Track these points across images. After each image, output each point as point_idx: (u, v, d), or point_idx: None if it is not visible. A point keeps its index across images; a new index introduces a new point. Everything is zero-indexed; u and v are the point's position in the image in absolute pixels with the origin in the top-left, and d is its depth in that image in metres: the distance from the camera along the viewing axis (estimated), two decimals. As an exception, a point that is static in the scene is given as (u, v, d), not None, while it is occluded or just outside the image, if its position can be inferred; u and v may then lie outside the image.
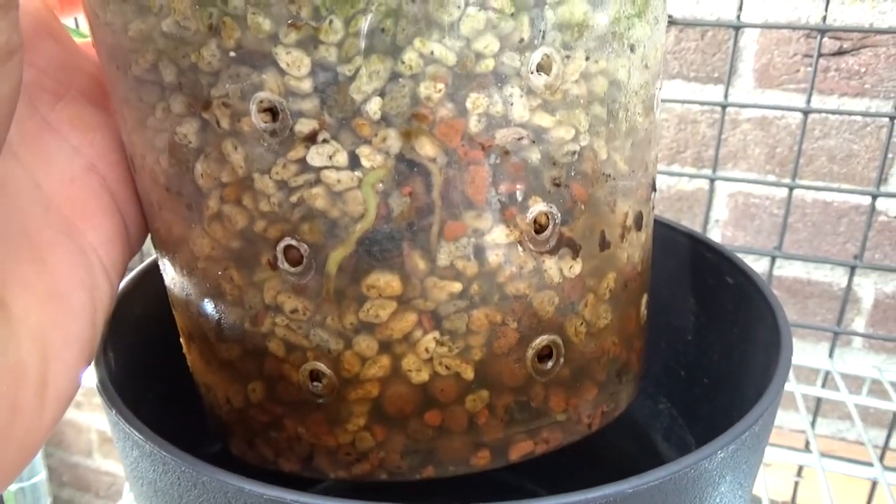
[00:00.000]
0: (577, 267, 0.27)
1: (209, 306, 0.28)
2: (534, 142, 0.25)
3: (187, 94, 0.25)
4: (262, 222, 0.25)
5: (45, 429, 0.24)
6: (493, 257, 0.26)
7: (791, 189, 0.69)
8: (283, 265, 0.26)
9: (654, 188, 0.31)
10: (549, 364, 0.28)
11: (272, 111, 0.24)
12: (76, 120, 0.28)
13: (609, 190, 0.27)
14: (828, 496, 0.53)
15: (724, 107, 0.69)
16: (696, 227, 0.77)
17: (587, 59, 0.25)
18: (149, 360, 0.34)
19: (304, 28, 0.23)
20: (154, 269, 0.34)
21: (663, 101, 0.75)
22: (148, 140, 0.26)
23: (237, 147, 0.25)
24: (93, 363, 0.29)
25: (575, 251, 0.27)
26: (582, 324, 0.28)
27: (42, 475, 0.80)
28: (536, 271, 0.26)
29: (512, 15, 0.24)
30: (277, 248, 0.25)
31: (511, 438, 0.28)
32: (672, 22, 0.71)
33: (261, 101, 0.24)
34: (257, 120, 0.24)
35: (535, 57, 0.24)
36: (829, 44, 0.70)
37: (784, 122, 0.73)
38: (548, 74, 0.25)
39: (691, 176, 0.74)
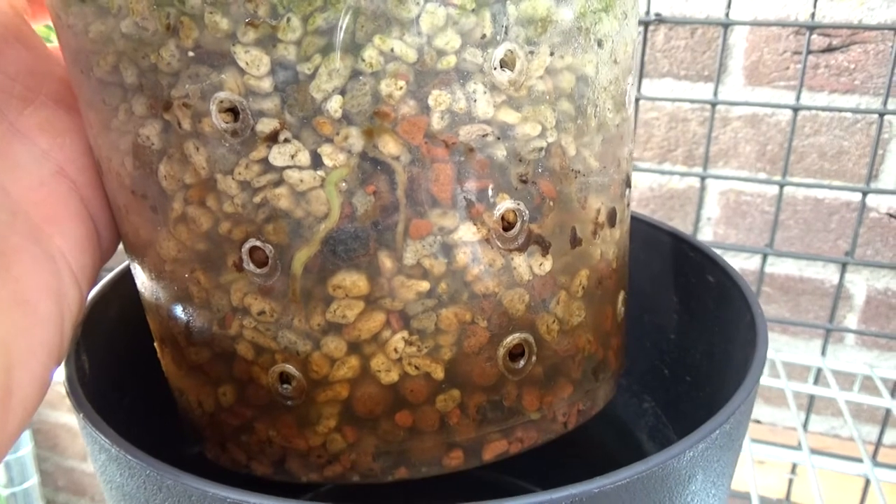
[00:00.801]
0: (548, 264, 0.27)
1: (178, 309, 0.28)
2: (499, 138, 0.25)
3: (148, 95, 0.24)
4: (227, 223, 0.25)
5: (9, 435, 0.24)
6: (461, 255, 0.25)
7: (781, 186, 0.68)
8: (249, 266, 0.25)
9: (628, 185, 0.31)
10: (522, 363, 0.27)
11: (233, 111, 0.24)
12: (45, 125, 0.28)
13: (579, 186, 0.27)
14: (817, 493, 0.53)
15: (713, 105, 0.69)
16: (688, 226, 0.77)
17: (552, 54, 0.25)
18: (127, 363, 0.34)
19: (261, 26, 0.23)
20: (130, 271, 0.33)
21: (653, 99, 0.75)
22: (112, 142, 0.26)
23: (199, 148, 0.24)
24: (63, 365, 0.28)
25: (545, 248, 0.27)
26: (554, 321, 0.28)
27: (34, 480, 0.80)
28: (505, 269, 0.26)
29: (473, 11, 0.23)
30: (243, 250, 0.25)
31: (484, 438, 0.28)
32: (661, 20, 0.71)
33: (221, 101, 0.24)
34: (218, 120, 0.24)
35: (498, 53, 0.24)
36: (818, 40, 0.69)
37: (774, 120, 0.73)
38: (511, 70, 0.24)
39: (682, 174, 0.73)
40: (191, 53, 0.23)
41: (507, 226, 0.26)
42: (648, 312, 0.41)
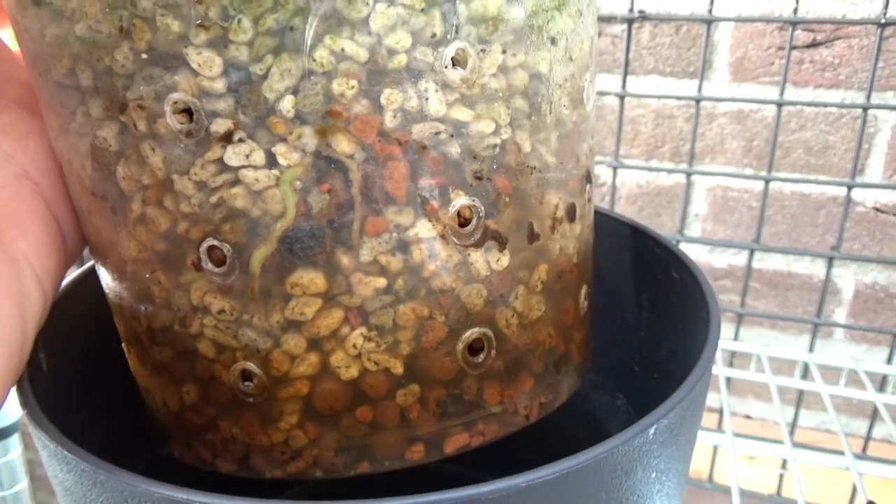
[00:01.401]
0: (505, 259, 0.27)
1: (140, 309, 0.28)
2: (452, 136, 0.25)
3: (104, 97, 0.25)
4: (185, 223, 0.25)
5: None
6: (417, 252, 0.26)
7: (767, 181, 0.69)
8: (208, 266, 0.26)
9: (589, 180, 0.31)
10: (481, 357, 0.28)
11: (187, 112, 0.24)
12: (8, 128, 0.28)
13: (536, 182, 0.27)
14: (799, 488, 0.53)
15: (698, 101, 0.69)
16: (676, 222, 0.77)
17: (504, 52, 0.25)
18: (96, 362, 0.34)
19: (213, 28, 0.23)
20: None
21: (639, 96, 0.75)
22: (71, 145, 0.26)
23: (155, 149, 0.25)
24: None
25: (501, 244, 0.27)
26: (513, 316, 0.28)
27: (24, 483, 0.80)
28: (462, 265, 0.26)
29: (422, 10, 0.24)
30: (201, 249, 0.26)
31: (445, 431, 0.28)
32: (645, 17, 0.71)
33: (175, 103, 0.24)
34: (173, 121, 0.24)
35: (449, 51, 0.24)
36: (802, 36, 0.70)
37: (760, 115, 0.73)
38: (463, 68, 0.25)
39: (669, 171, 0.74)
40: (144, 56, 0.24)
41: (463, 222, 0.26)
42: (619, 310, 0.41)
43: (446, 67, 0.24)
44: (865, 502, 0.52)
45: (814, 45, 0.70)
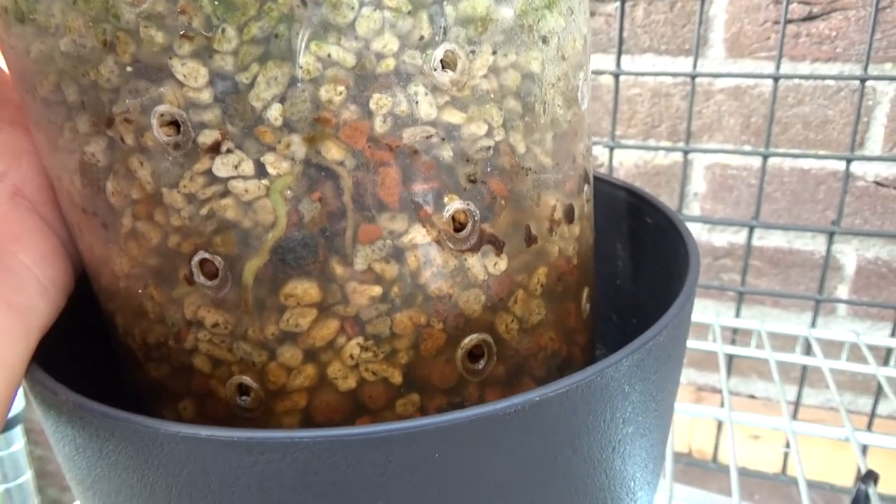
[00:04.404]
0: (503, 263, 0.27)
1: (135, 325, 0.27)
2: (444, 139, 0.25)
3: (91, 112, 0.24)
4: (176, 237, 0.25)
5: None
6: (412, 258, 0.25)
7: (765, 157, 0.68)
8: (200, 279, 0.25)
9: (587, 180, 0.30)
10: (482, 363, 0.27)
11: (175, 124, 0.24)
12: (1, 148, 0.28)
13: (532, 184, 0.27)
14: (798, 461, 0.53)
15: (693, 77, 0.68)
16: (675, 202, 0.77)
17: (494, 53, 0.25)
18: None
19: (197, 38, 0.22)
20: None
21: (635, 74, 0.75)
22: (61, 161, 0.26)
23: (143, 163, 0.24)
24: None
25: (498, 248, 0.26)
26: (513, 321, 0.27)
27: (28, 475, 0.80)
28: (459, 270, 0.26)
29: (409, 13, 0.23)
30: (192, 263, 0.25)
31: None
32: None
33: (162, 115, 0.23)
34: (160, 134, 0.24)
35: (438, 54, 0.24)
36: (798, 9, 0.69)
37: (758, 91, 0.72)
38: (453, 70, 0.24)
39: (667, 150, 0.73)
40: (129, 68, 0.23)
41: (459, 226, 0.26)
42: (596, 263, 0.42)
43: (435, 70, 0.24)
44: (865, 472, 0.52)
45: (810, 18, 0.69)
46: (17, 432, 0.80)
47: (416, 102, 0.24)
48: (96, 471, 0.25)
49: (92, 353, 0.32)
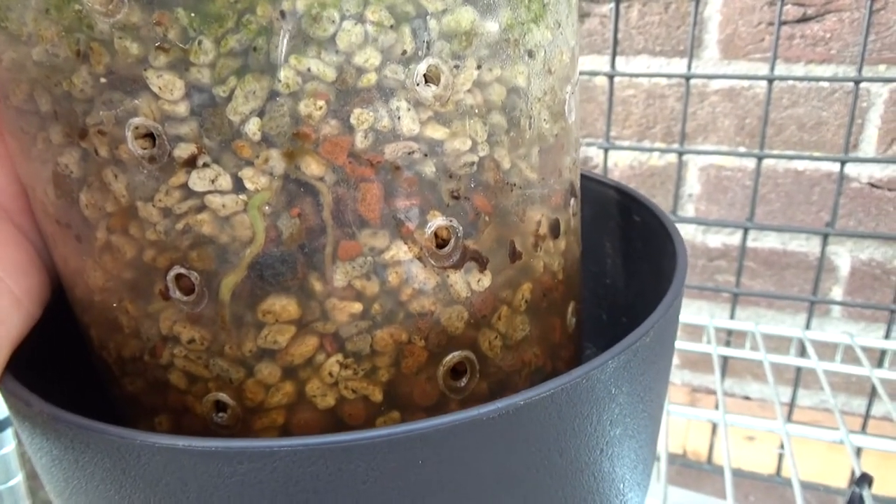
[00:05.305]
0: (486, 280, 0.26)
1: (110, 339, 0.27)
2: (426, 155, 0.24)
3: (64, 122, 0.24)
4: (151, 251, 0.24)
5: None
6: (394, 275, 0.25)
7: (759, 159, 0.68)
8: (176, 294, 0.25)
9: (573, 194, 0.30)
10: (464, 381, 0.27)
11: (150, 137, 0.23)
12: None
13: (516, 199, 0.26)
14: (792, 462, 0.53)
15: (688, 78, 0.68)
16: (669, 203, 0.76)
17: (479, 67, 0.24)
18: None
19: (172, 50, 0.22)
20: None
21: (629, 75, 0.74)
22: (34, 171, 0.25)
23: (118, 175, 0.24)
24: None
25: (482, 264, 0.26)
26: (497, 337, 0.27)
27: (19, 477, 0.80)
28: (441, 287, 0.25)
29: (392, 27, 0.23)
30: (168, 277, 0.25)
31: None
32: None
33: (136, 128, 0.23)
34: (134, 147, 0.23)
35: (421, 68, 0.23)
36: (792, 10, 0.68)
37: (752, 93, 0.72)
38: (436, 85, 0.24)
39: (661, 151, 0.73)
40: (103, 80, 0.23)
41: (441, 243, 0.25)
42: (582, 261, 0.42)
43: (418, 85, 0.23)
44: (860, 475, 0.52)
45: (804, 19, 0.68)
46: (8, 434, 0.79)
47: (399, 118, 0.23)
48: (73, 482, 0.25)
49: (73, 362, 0.32)
